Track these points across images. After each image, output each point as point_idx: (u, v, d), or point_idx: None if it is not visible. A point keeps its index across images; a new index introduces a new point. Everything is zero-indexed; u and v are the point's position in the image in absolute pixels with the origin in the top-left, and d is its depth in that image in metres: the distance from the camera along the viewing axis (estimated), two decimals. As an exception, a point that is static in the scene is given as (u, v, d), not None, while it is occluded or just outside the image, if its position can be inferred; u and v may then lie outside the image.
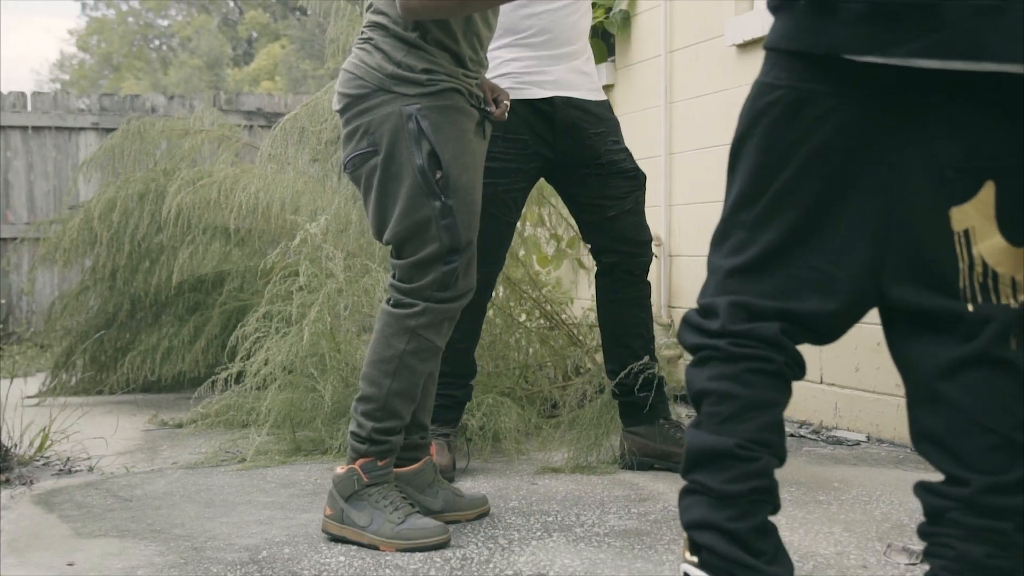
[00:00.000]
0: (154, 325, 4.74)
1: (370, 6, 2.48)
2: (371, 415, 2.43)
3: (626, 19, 4.74)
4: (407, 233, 2.39)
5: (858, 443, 3.49)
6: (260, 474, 3.21)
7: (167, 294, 4.71)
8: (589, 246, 3.17)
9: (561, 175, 3.10)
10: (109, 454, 3.55)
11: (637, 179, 3.07)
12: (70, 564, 2.32)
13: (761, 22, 3.89)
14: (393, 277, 2.46)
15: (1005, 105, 1.45)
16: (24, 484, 3.12)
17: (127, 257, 4.60)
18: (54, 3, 48.57)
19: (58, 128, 7.34)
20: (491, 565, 2.26)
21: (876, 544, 2.37)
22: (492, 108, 2.57)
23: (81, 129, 7.39)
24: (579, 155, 3.02)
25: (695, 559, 1.55)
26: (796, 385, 1.60)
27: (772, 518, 1.57)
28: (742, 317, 1.56)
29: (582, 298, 5.14)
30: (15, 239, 7.04)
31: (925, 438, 1.54)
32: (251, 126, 7.35)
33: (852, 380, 3.60)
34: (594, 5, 4.77)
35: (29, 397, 4.69)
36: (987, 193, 1.45)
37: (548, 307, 4.18)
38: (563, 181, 3.11)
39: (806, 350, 1.60)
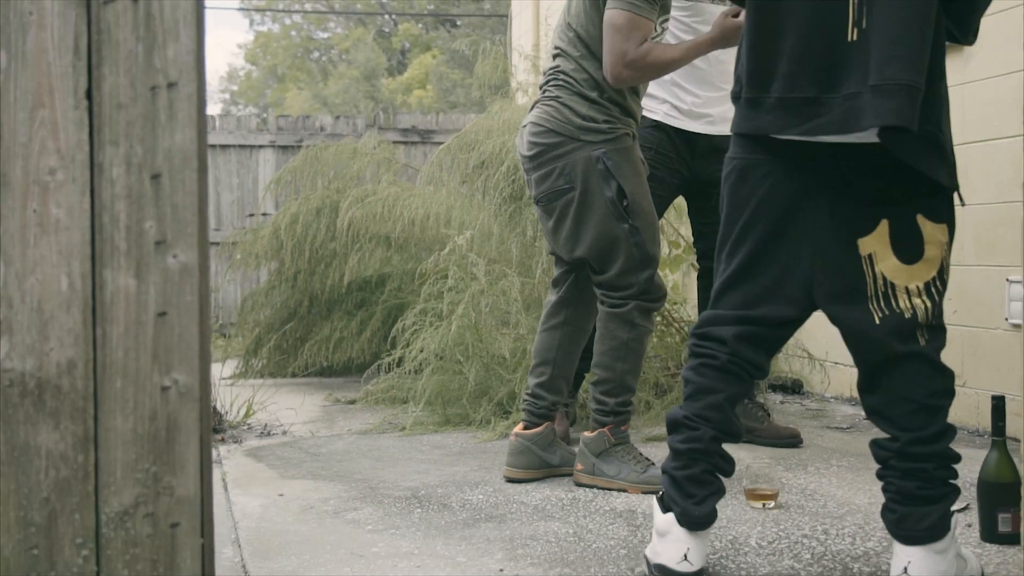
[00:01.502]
0: (327, 319, 5.59)
1: (555, 67, 3.21)
2: (610, 392, 3.16)
3: (736, 51, 5.34)
4: (605, 249, 3.11)
5: (924, 426, 4.02)
6: (417, 439, 3.98)
7: (338, 293, 5.54)
8: (695, 250, 3.83)
9: (694, 190, 3.80)
10: (297, 422, 4.38)
11: None
12: (280, 495, 3.11)
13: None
14: (601, 287, 3.18)
15: (886, 166, 2.05)
16: (235, 442, 3.97)
17: (307, 261, 5.47)
18: (224, 18, 51.25)
19: (241, 146, 8.37)
20: (594, 504, 2.95)
21: (904, 498, 2.95)
22: None
23: (260, 147, 8.40)
24: (709, 177, 3.69)
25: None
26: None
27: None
28: (707, 323, 2.23)
29: (694, 299, 5.74)
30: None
31: (872, 412, 2.15)
32: (407, 142, 8.22)
33: (922, 372, 4.12)
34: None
35: (224, 379, 5.59)
36: (883, 227, 2.07)
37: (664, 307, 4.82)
38: (693, 195, 3.82)
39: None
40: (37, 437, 1.31)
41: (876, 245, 2.07)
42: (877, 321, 2.08)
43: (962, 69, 3.97)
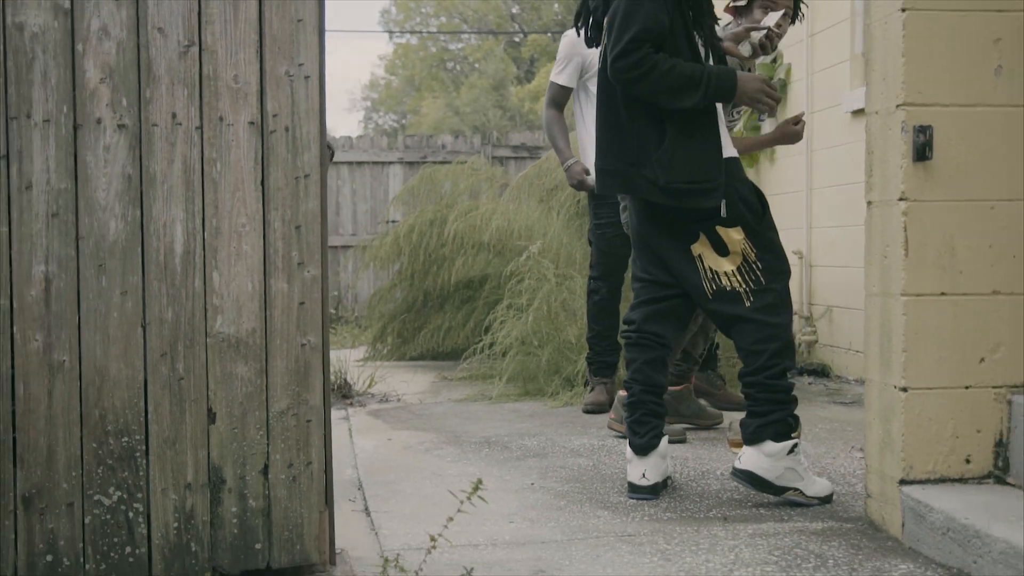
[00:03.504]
0: (439, 312, 6.72)
1: None
2: None
3: (783, 86, 6.25)
4: None
5: (913, 402, 4.88)
6: (500, 406, 5.05)
7: (447, 290, 6.67)
8: None
9: None
10: (409, 393, 5.52)
11: None
12: (389, 439, 4.23)
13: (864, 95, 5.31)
14: None
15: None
16: (360, 405, 5.13)
17: (421, 264, 6.61)
18: (367, 31, 53.46)
19: (374, 163, 9.63)
20: (616, 449, 3.97)
21: (851, 450, 3.88)
22: None
23: (390, 163, 9.63)
24: None
25: None
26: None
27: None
28: (629, 311, 3.27)
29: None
30: (343, 247, 9.37)
31: None
32: (517, 158, 9.34)
33: (915, 358, 4.97)
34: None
35: (356, 360, 6.78)
36: (703, 237, 3.09)
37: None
38: None
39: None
40: (236, 369, 2.43)
41: (702, 249, 3.11)
42: (711, 296, 3.09)
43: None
